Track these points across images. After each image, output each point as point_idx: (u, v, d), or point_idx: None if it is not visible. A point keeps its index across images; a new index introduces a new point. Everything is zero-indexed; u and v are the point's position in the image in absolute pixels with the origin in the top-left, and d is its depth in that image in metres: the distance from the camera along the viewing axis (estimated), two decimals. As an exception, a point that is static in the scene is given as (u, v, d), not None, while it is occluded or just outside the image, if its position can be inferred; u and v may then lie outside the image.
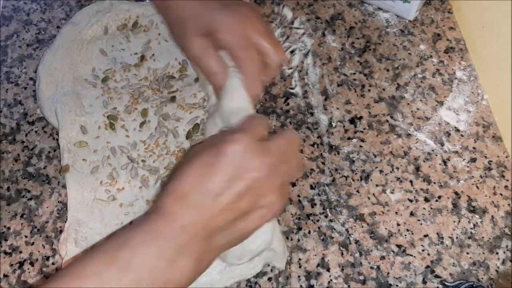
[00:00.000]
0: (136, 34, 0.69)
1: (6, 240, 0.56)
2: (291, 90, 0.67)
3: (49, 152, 0.62)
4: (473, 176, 0.61)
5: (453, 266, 0.55)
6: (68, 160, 0.59)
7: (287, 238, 0.56)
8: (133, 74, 0.65)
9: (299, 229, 0.57)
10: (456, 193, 0.60)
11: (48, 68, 0.64)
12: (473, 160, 0.62)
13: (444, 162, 0.61)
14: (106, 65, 0.66)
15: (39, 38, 0.70)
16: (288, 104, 0.66)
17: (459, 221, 0.58)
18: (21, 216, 0.58)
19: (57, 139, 0.61)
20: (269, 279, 0.54)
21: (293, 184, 0.60)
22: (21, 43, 0.70)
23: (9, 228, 0.57)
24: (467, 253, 0.56)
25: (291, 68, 0.68)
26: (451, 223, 0.58)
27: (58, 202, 0.58)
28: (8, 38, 0.70)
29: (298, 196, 0.59)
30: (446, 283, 0.54)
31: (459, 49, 0.70)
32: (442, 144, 0.63)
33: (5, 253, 0.56)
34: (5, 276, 0.54)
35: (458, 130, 0.64)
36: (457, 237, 0.57)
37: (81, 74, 0.65)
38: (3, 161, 0.61)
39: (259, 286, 0.54)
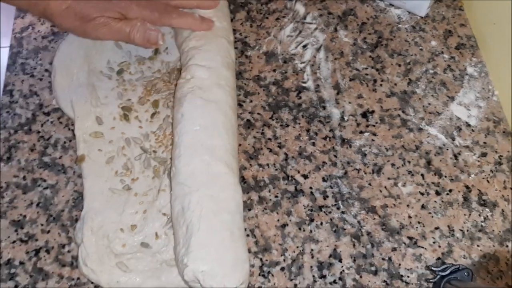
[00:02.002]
0: (150, 28, 0.69)
1: (22, 228, 0.57)
2: (303, 84, 0.67)
3: (64, 142, 0.62)
4: (483, 171, 0.61)
5: (464, 258, 0.56)
6: (84, 150, 0.59)
7: (299, 229, 0.57)
8: (148, 67, 0.66)
9: (312, 220, 0.58)
10: (467, 186, 0.60)
11: (64, 60, 0.65)
12: (484, 154, 0.62)
13: (455, 156, 0.62)
14: (121, 58, 0.67)
15: (54, 31, 0.71)
16: (300, 97, 0.66)
17: (470, 214, 0.58)
18: (37, 205, 0.58)
19: (73, 130, 0.61)
20: (282, 268, 0.55)
21: (305, 176, 0.61)
22: (36, 35, 0.71)
23: (25, 217, 0.58)
24: (478, 245, 0.57)
25: (303, 62, 0.69)
26: (462, 216, 0.58)
27: (74, 191, 0.59)
28: (23, 30, 0.71)
29: (311, 188, 0.60)
30: (432, 268, 0.55)
31: (470, 45, 0.71)
32: (453, 139, 0.63)
33: (21, 240, 0.56)
34: (21, 263, 0.55)
35: (469, 125, 0.64)
36: (467, 230, 0.57)
37: (96, 66, 0.66)
38: (19, 150, 0.62)
39: (272, 275, 0.55)
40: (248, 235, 0.57)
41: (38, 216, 0.58)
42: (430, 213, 0.58)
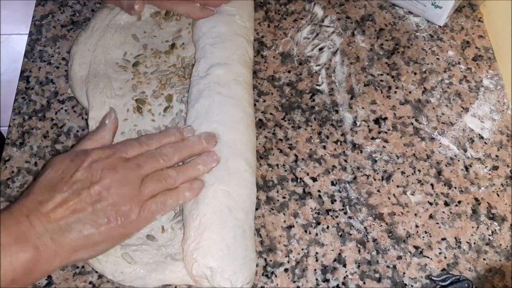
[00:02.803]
0: (168, 22, 0.70)
1: (31, 213, 0.58)
2: (318, 87, 0.67)
3: (77, 131, 0.63)
4: (494, 184, 0.61)
5: (469, 271, 0.55)
6: (96, 140, 0.60)
7: (305, 231, 0.57)
8: (163, 61, 0.66)
9: (318, 223, 0.58)
10: (476, 199, 0.60)
11: (82, 50, 0.66)
12: (495, 168, 0.62)
13: (466, 168, 0.62)
14: (137, 51, 0.67)
15: (74, 20, 0.72)
16: (313, 100, 0.66)
17: (478, 227, 0.58)
18: (47, 191, 0.59)
19: (86, 119, 0.62)
20: (286, 270, 0.55)
21: (314, 179, 0.61)
22: (55, 24, 0.71)
23: (34, 202, 0.58)
24: (484, 259, 0.56)
25: (319, 65, 0.69)
26: (470, 229, 0.58)
27: (84, 180, 0.60)
28: (43, 18, 0.72)
29: (319, 191, 0.60)
30: (433, 277, 0.55)
31: (487, 57, 0.70)
32: (465, 150, 0.63)
33: (29, 226, 0.57)
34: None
35: (482, 138, 0.64)
36: (474, 243, 0.57)
37: (112, 58, 0.66)
38: (32, 136, 0.62)
39: (275, 276, 0.55)
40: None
41: (47, 202, 0.58)
42: (437, 223, 0.58)
